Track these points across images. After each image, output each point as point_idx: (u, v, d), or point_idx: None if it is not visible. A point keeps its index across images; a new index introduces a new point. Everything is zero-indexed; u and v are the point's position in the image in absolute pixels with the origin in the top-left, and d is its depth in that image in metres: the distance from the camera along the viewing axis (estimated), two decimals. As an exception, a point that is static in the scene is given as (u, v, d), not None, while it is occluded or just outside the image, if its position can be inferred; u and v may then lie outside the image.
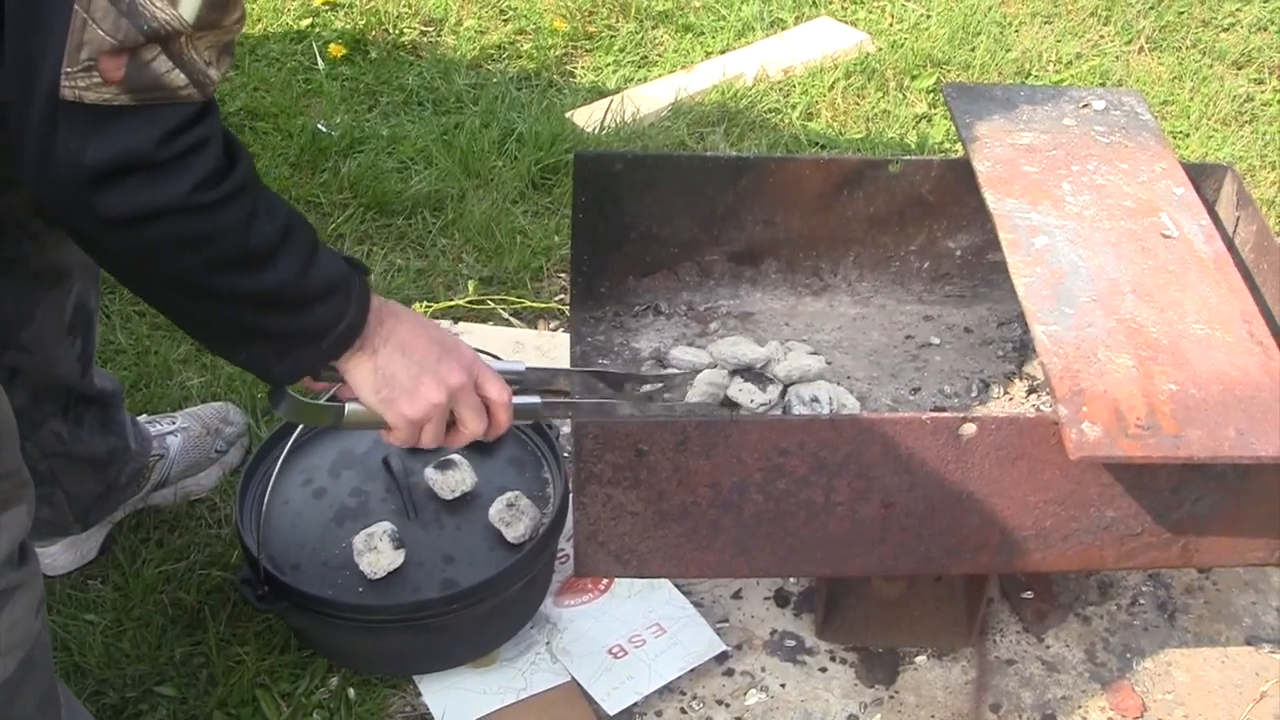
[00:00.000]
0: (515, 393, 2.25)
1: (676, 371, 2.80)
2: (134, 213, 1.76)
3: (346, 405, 2.20)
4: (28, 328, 2.62)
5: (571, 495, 2.44)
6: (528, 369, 2.37)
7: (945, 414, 2.31)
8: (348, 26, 5.06)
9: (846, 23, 5.27)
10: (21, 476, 2.09)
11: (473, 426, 2.23)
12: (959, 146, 4.28)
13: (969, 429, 2.30)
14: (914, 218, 3.08)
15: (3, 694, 2.12)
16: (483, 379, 2.23)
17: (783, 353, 2.96)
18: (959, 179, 2.99)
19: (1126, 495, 2.41)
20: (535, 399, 2.38)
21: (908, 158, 3.05)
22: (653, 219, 3.04)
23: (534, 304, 3.81)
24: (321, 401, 2.24)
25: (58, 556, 2.98)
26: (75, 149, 1.72)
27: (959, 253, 3.13)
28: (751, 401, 2.83)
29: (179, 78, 1.74)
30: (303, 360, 2.06)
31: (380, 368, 2.12)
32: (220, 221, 1.84)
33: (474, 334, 3.62)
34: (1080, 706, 2.87)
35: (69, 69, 1.67)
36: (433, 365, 2.17)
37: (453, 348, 2.22)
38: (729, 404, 2.86)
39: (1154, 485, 2.41)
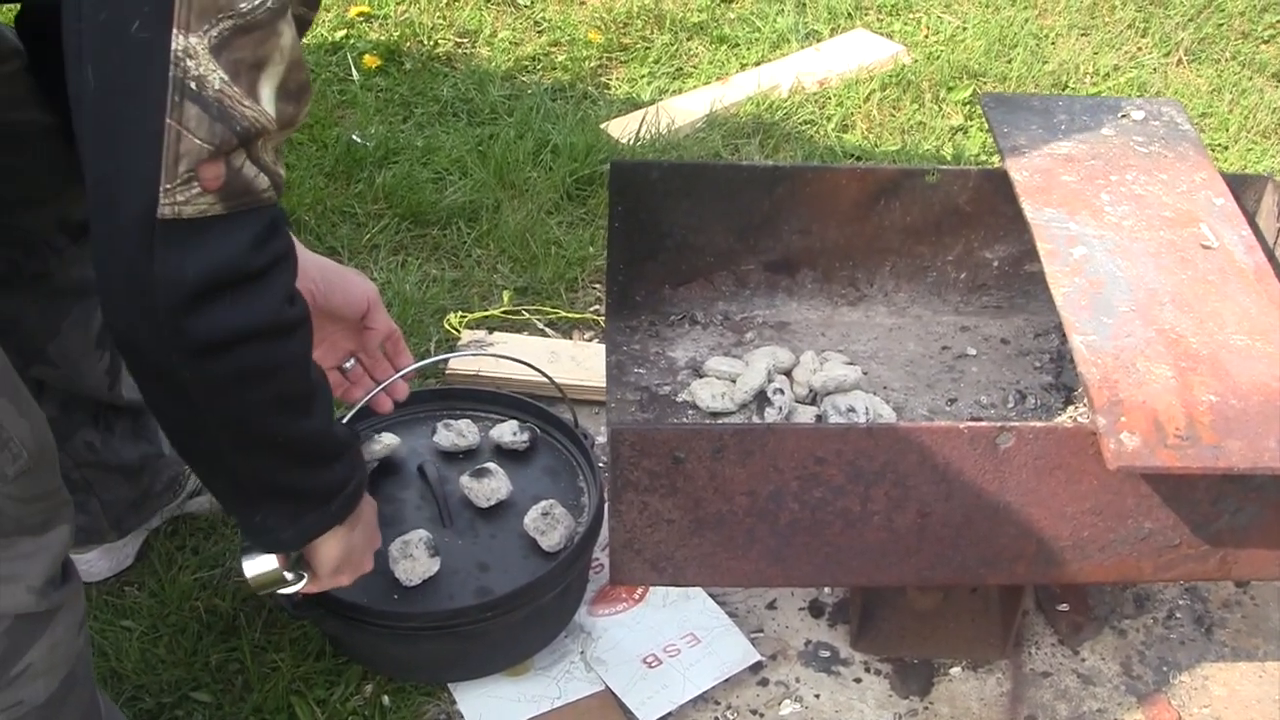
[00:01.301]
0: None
1: None
2: (230, 332, 1.73)
3: (255, 571, 2.22)
4: (54, 341, 2.61)
5: (607, 503, 2.44)
6: None
7: (983, 424, 2.30)
8: (382, 38, 5.07)
9: (882, 34, 5.26)
10: (61, 496, 2.09)
11: (363, 569, 2.38)
12: (995, 159, 4.30)
13: (1007, 439, 2.29)
14: (951, 228, 3.08)
15: (45, 712, 2.13)
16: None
17: (818, 363, 2.96)
18: (996, 189, 2.98)
19: (1165, 506, 2.40)
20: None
21: (945, 168, 3.05)
22: (689, 228, 3.03)
23: (569, 314, 3.81)
24: (277, 569, 2.25)
25: (94, 563, 2.98)
26: (174, 265, 1.67)
27: (996, 263, 3.13)
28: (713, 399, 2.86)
29: (263, 180, 1.72)
30: (311, 524, 2.10)
31: (349, 543, 2.21)
32: (294, 348, 1.85)
33: (509, 344, 3.61)
34: None
35: (168, 185, 1.64)
36: (374, 538, 2.32)
37: (375, 516, 2.36)
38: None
39: (1192, 496, 2.40)
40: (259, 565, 2.21)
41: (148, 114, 1.62)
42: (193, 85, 1.62)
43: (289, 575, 2.25)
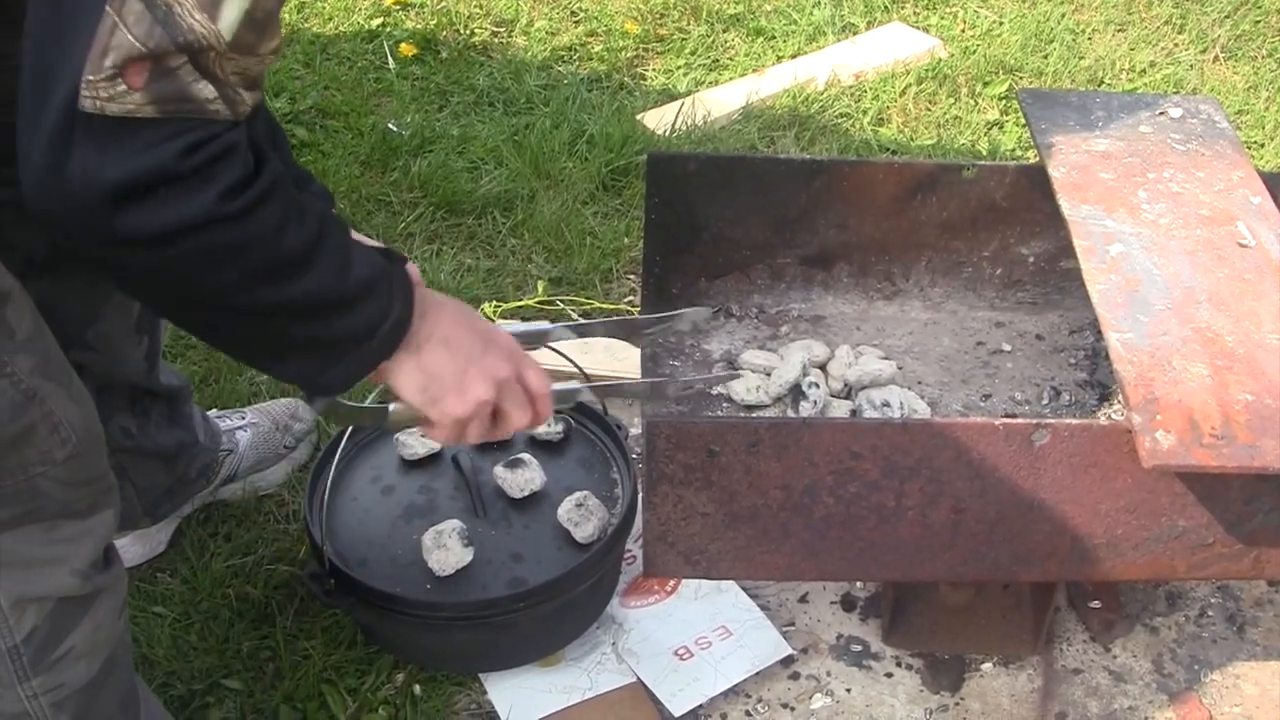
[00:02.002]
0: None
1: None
2: (159, 230, 1.66)
3: (390, 406, 2.16)
4: (94, 326, 2.62)
5: (642, 495, 2.44)
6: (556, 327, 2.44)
7: (1018, 420, 2.30)
8: (419, 26, 5.07)
9: (918, 28, 5.25)
10: (108, 481, 2.10)
11: (517, 420, 2.18)
12: (1031, 154, 4.29)
13: (1042, 435, 2.29)
14: (987, 223, 3.07)
15: (86, 695, 2.15)
16: (524, 369, 2.17)
17: (853, 357, 2.96)
18: (1033, 185, 2.98)
19: (1199, 505, 2.39)
20: (576, 384, 2.38)
21: (982, 163, 3.04)
22: (725, 221, 3.03)
23: (603, 305, 3.81)
24: (365, 404, 2.21)
25: (127, 549, 2.99)
26: (93, 164, 1.60)
27: (1032, 259, 3.12)
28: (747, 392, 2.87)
29: (207, 90, 1.64)
30: (351, 366, 1.98)
31: (425, 366, 2.05)
32: (250, 230, 1.74)
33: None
34: (1147, 718, 2.85)
35: (91, 76, 1.57)
36: (478, 358, 2.11)
37: (495, 337, 2.17)
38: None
39: (1227, 495, 2.39)
40: (319, 404, 2.14)
41: (90, 2, 1.57)
42: None
43: (362, 405, 2.21)
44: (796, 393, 2.88)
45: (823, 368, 2.96)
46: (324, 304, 1.89)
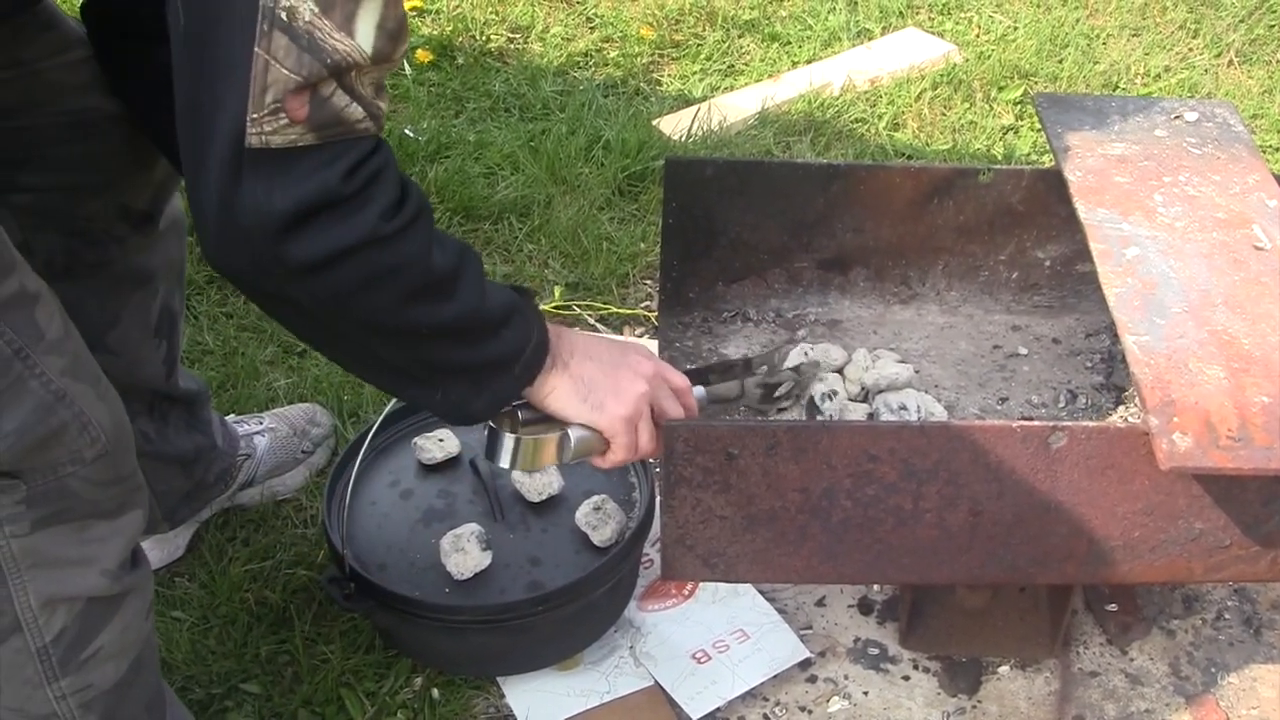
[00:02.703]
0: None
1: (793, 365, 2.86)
2: (326, 254, 1.75)
3: (570, 431, 2.20)
4: (113, 330, 2.63)
5: (660, 498, 2.45)
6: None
7: (1035, 423, 2.30)
8: (435, 33, 5.09)
9: (933, 34, 5.26)
10: (136, 480, 2.12)
11: (673, 412, 2.27)
12: (1046, 158, 4.30)
13: (1059, 438, 2.29)
14: (1003, 227, 3.08)
15: (114, 696, 2.16)
16: (662, 366, 2.28)
17: (870, 360, 2.96)
18: (1049, 189, 2.98)
19: (1216, 507, 2.39)
20: (701, 389, 2.45)
21: (998, 167, 3.04)
22: (742, 225, 3.04)
23: (620, 310, 3.82)
24: (541, 436, 2.23)
25: (146, 554, 3.00)
26: (263, 197, 1.70)
27: (1048, 263, 3.13)
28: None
29: (357, 110, 1.73)
30: (500, 390, 2.08)
31: (578, 376, 2.15)
32: (406, 250, 1.84)
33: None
34: (1164, 720, 2.86)
35: (255, 114, 1.66)
36: (621, 360, 2.21)
37: (627, 344, 2.29)
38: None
39: (1244, 498, 2.39)
40: (504, 450, 2.22)
41: (235, 43, 1.65)
42: (283, 15, 1.64)
43: (540, 439, 2.23)
44: (811, 406, 2.88)
45: (840, 371, 2.97)
46: (473, 326, 1.99)
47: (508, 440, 2.21)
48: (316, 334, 2.01)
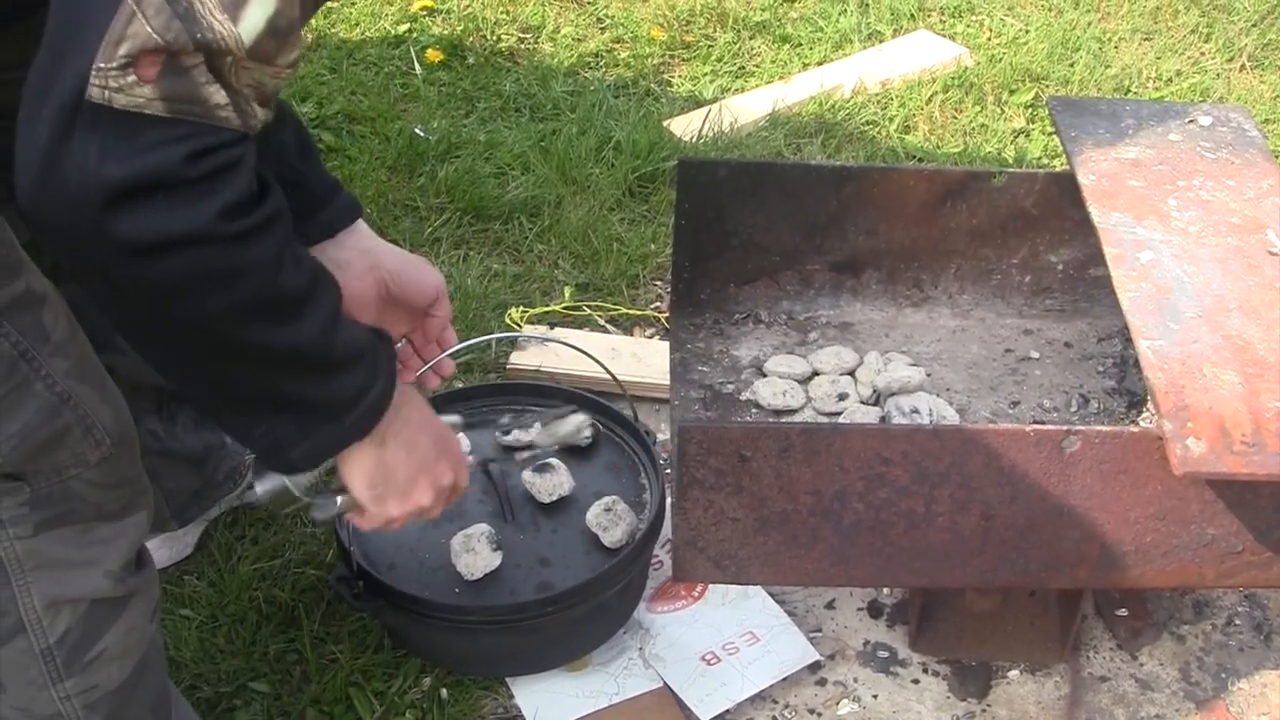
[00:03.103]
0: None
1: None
2: (156, 238, 1.57)
3: (338, 498, 2.08)
4: None
5: (672, 500, 2.44)
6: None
7: (1049, 427, 2.30)
8: (445, 32, 5.08)
9: (944, 36, 5.25)
10: (141, 483, 2.11)
11: (434, 515, 2.20)
12: (1057, 161, 4.29)
13: (1072, 442, 2.28)
14: (1016, 231, 3.08)
15: (119, 697, 2.16)
16: (460, 473, 2.18)
17: (882, 363, 2.96)
18: (1062, 192, 2.98)
19: (1229, 512, 2.39)
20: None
21: (1011, 170, 3.04)
22: (755, 227, 3.04)
23: (630, 311, 3.81)
24: (310, 497, 2.13)
25: (155, 552, 2.97)
26: (94, 159, 1.52)
27: (1060, 267, 3.12)
28: None
29: (219, 94, 1.57)
30: (325, 440, 1.90)
31: (385, 461, 2.01)
32: (248, 256, 1.65)
33: (570, 339, 3.62)
34: (1174, 726, 2.86)
35: (102, 64, 1.50)
36: (430, 465, 2.09)
37: (449, 445, 2.16)
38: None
39: (1257, 503, 2.39)
40: (268, 483, 2.08)
41: None
42: None
43: (307, 498, 2.12)
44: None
45: (852, 374, 2.96)
46: (310, 359, 1.81)
47: (270, 480, 2.09)
48: (141, 327, 1.78)
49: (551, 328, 3.72)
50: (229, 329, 1.70)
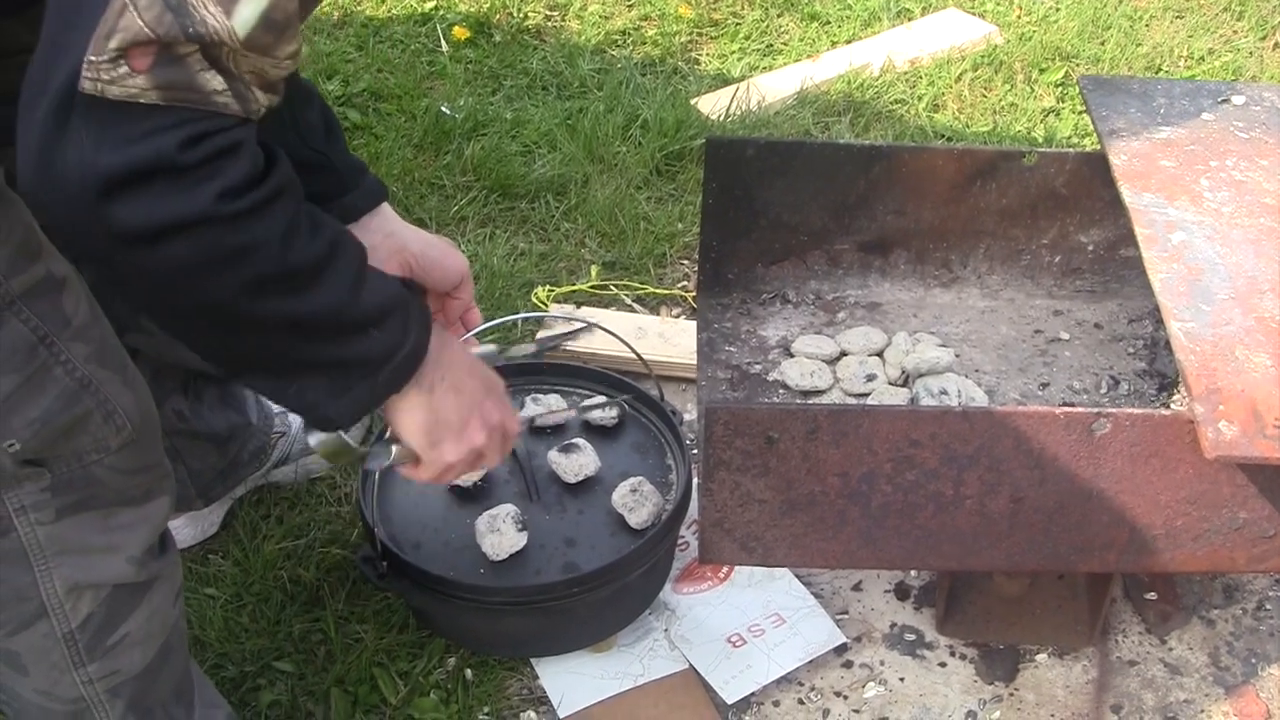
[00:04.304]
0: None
1: None
2: (155, 225, 1.58)
3: (394, 448, 2.08)
4: None
5: (699, 482, 2.42)
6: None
7: (1079, 409, 2.28)
8: (472, 10, 5.07)
9: (974, 14, 5.23)
10: (164, 468, 2.11)
11: (492, 463, 2.18)
12: (1087, 141, 4.26)
13: (1103, 425, 2.26)
14: (1046, 211, 3.06)
15: (141, 681, 2.16)
16: (506, 414, 2.16)
17: (911, 344, 2.94)
18: (1094, 172, 2.96)
19: (1260, 496, 2.37)
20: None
21: (1042, 150, 3.02)
22: (783, 206, 3.02)
23: (657, 290, 3.80)
24: (366, 446, 2.14)
25: (180, 531, 2.99)
26: (89, 149, 1.53)
27: (1091, 247, 3.10)
28: None
29: (215, 80, 1.57)
30: (360, 397, 1.90)
31: (435, 407, 2.01)
32: (254, 234, 1.66)
33: (596, 319, 3.60)
34: (1203, 711, 2.83)
35: (94, 57, 1.50)
36: (479, 405, 2.08)
37: (495, 385, 2.15)
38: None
39: (1289, 488, 2.38)
40: (319, 434, 2.07)
41: None
42: None
43: (361, 448, 2.13)
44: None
45: (880, 355, 2.95)
46: (335, 323, 1.82)
47: (318, 433, 2.08)
48: (156, 309, 1.79)
49: (578, 307, 3.71)
50: (244, 304, 1.70)
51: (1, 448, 1.86)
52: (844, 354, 3.00)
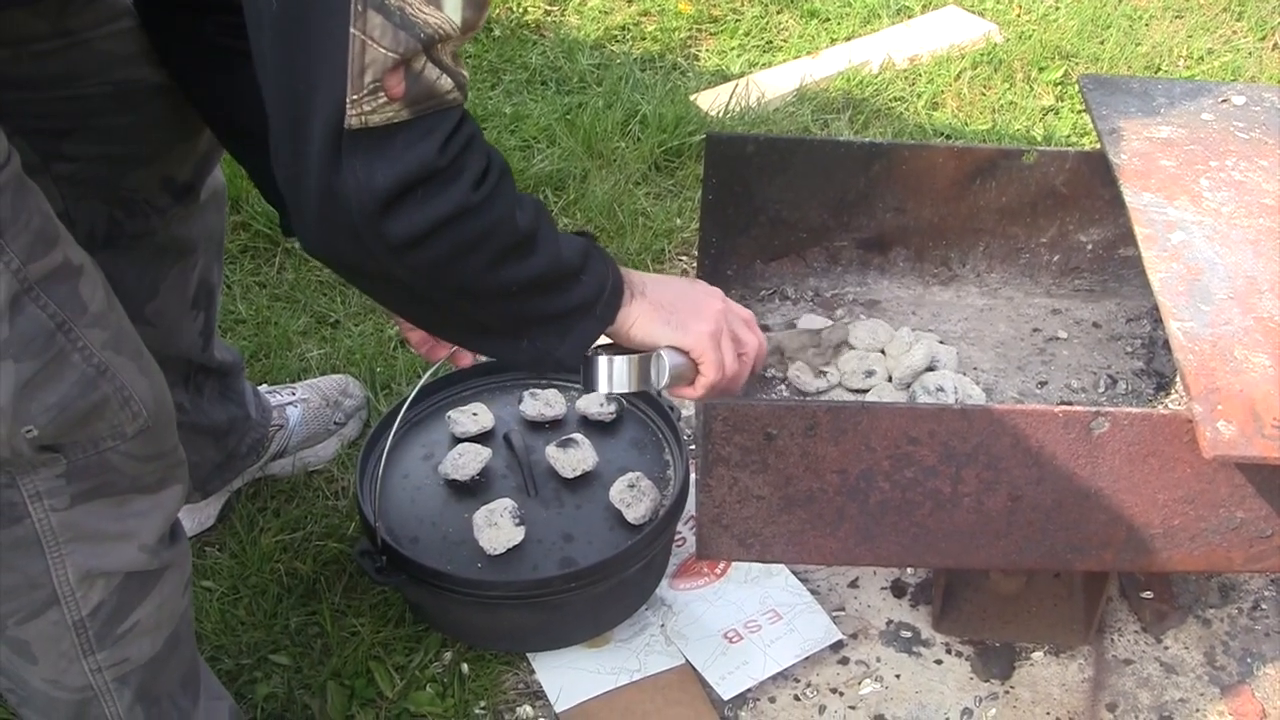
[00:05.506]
0: None
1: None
2: (426, 226, 1.76)
3: (664, 353, 2.18)
4: (152, 301, 2.63)
5: (697, 477, 2.43)
6: None
7: (1077, 408, 2.28)
8: (473, 3, 5.06)
9: (974, 12, 5.23)
10: (177, 456, 2.12)
11: (746, 338, 2.27)
12: (1086, 140, 4.27)
13: (1101, 424, 2.26)
14: (1046, 210, 3.05)
15: (149, 670, 2.16)
16: (727, 299, 2.27)
17: (912, 339, 2.94)
18: (1093, 171, 2.96)
19: (1258, 496, 2.37)
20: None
21: (1042, 149, 3.02)
22: (782, 203, 3.02)
23: (655, 286, 3.80)
24: (633, 355, 2.21)
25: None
26: (365, 176, 1.70)
27: (1090, 246, 3.10)
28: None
29: (446, 82, 1.73)
30: (584, 332, 2.07)
31: (657, 301, 2.15)
32: (495, 214, 1.84)
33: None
34: (1198, 710, 2.83)
35: (355, 95, 1.65)
36: (691, 287, 2.23)
37: (689, 277, 2.31)
38: None
39: (1287, 487, 2.38)
40: (600, 374, 2.20)
41: (331, 26, 1.63)
42: None
43: (633, 358, 2.21)
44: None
45: (883, 351, 2.95)
46: (557, 276, 2.00)
47: (602, 364, 2.19)
48: (407, 304, 2.01)
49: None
50: (491, 278, 1.90)
51: (19, 434, 1.87)
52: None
